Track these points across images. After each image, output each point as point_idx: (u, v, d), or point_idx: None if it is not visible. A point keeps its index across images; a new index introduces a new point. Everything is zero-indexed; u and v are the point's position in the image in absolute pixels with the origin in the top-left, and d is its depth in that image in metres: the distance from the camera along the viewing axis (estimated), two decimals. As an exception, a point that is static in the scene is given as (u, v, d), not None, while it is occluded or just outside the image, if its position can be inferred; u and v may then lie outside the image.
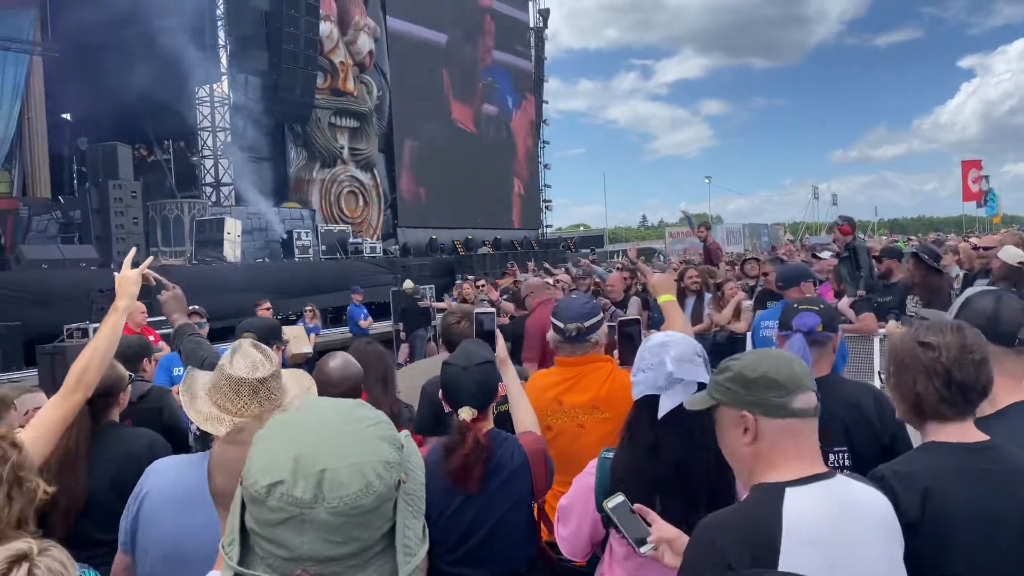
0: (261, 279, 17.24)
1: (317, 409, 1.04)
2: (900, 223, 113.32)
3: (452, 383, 2.50)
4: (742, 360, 1.69)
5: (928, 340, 1.87)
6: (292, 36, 21.80)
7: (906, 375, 1.91)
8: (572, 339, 2.97)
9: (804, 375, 1.65)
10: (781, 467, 1.61)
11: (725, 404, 1.68)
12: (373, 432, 1.00)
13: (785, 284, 5.27)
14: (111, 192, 16.36)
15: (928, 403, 1.88)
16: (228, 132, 22.57)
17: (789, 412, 1.61)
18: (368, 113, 27.56)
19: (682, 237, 34.13)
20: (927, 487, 1.78)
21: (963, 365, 1.83)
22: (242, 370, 2.18)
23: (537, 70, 40.56)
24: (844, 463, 2.50)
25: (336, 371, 3.00)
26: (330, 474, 0.93)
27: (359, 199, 27.27)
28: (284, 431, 1.01)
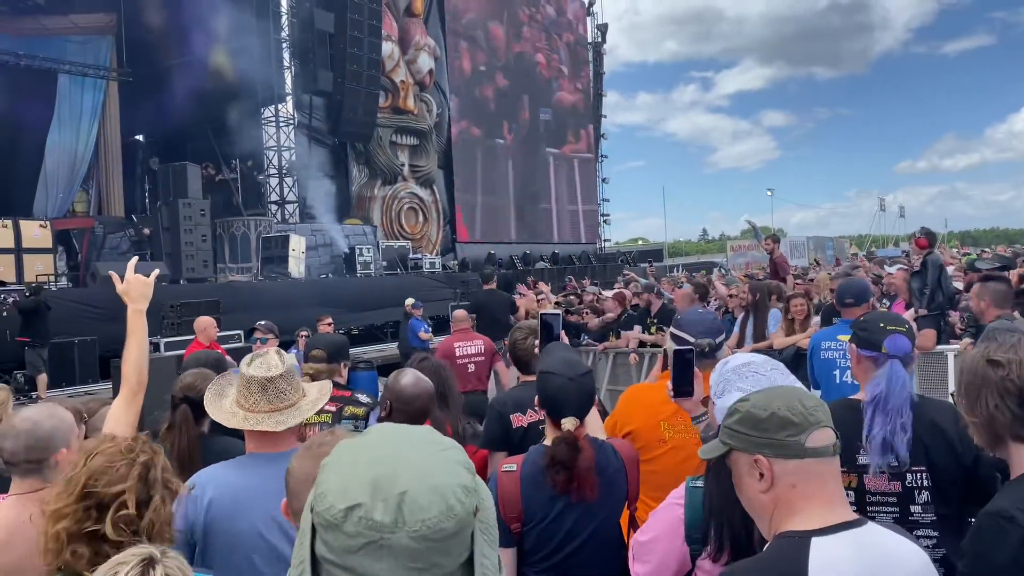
0: (324, 294, 17.53)
1: (388, 433, 1.01)
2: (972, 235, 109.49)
3: (559, 393, 2.43)
4: (750, 400, 1.58)
5: (997, 358, 1.77)
6: (355, 57, 22.25)
7: (977, 396, 1.81)
8: (701, 355, 2.75)
9: (817, 409, 1.53)
10: (804, 514, 1.49)
11: (737, 449, 1.56)
12: (449, 456, 0.97)
13: (857, 300, 5.00)
14: (181, 210, 16.88)
15: (1002, 424, 1.78)
16: (293, 151, 23.09)
17: (804, 452, 1.48)
18: (428, 131, 27.92)
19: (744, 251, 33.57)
20: None
21: None
22: (255, 370, 2.34)
23: (595, 84, 40.55)
24: (924, 483, 2.41)
25: (409, 387, 3.00)
26: (411, 496, 0.90)
27: (419, 215, 27.60)
28: (357, 454, 0.97)
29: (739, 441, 1.55)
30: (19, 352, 11.92)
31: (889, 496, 2.44)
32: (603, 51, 41.06)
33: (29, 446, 2.22)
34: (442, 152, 28.96)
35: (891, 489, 2.43)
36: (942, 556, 2.32)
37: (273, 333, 6.28)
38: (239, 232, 19.49)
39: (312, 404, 2.38)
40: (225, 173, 24.09)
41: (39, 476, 2.22)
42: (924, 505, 2.40)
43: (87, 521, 1.67)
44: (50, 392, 11.45)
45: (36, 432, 2.24)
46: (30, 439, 2.22)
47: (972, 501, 2.30)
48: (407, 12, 27.44)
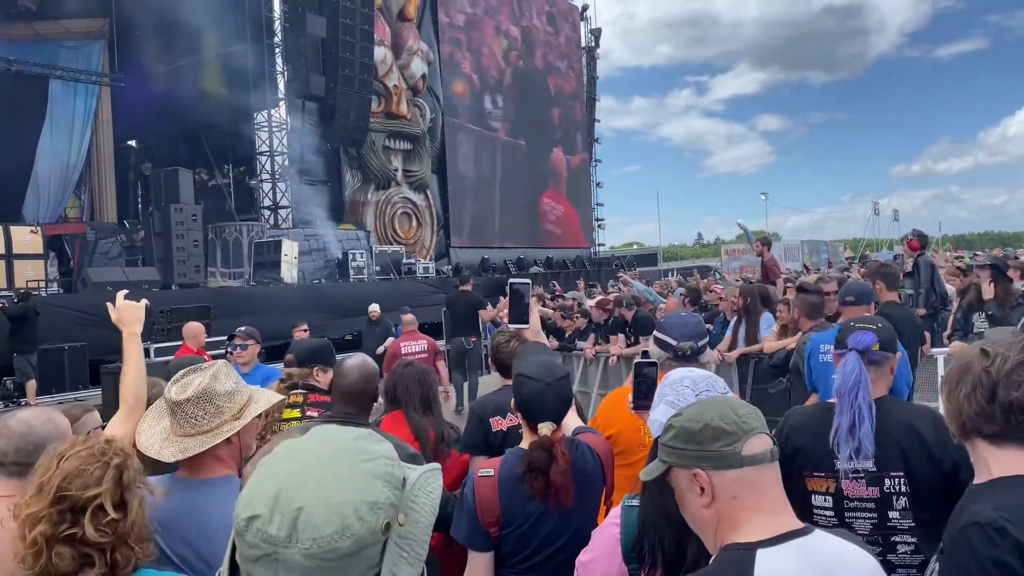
0: (317, 299, 17.51)
1: (316, 440, 0.99)
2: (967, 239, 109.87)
3: (535, 398, 2.42)
4: (684, 414, 1.55)
5: (987, 348, 1.73)
6: (348, 62, 22.25)
7: (957, 382, 1.76)
8: (683, 358, 2.76)
9: (751, 415, 1.50)
10: (747, 525, 1.45)
11: (676, 465, 1.53)
12: (367, 469, 0.94)
13: (857, 299, 5.03)
14: (172, 216, 16.83)
15: (968, 416, 1.73)
16: (286, 156, 23.07)
17: (741, 460, 1.45)
18: (421, 135, 27.92)
19: (738, 255, 33.56)
20: None
21: (1012, 383, 1.66)
22: (172, 391, 2.21)
23: (589, 89, 40.62)
24: (902, 489, 2.39)
25: (347, 370, 2.93)
26: (306, 513, 0.89)
27: (412, 220, 27.57)
28: (277, 463, 0.97)
29: (676, 457, 1.52)
30: (8, 358, 11.86)
31: (867, 502, 2.42)
32: (597, 56, 41.15)
33: (19, 448, 2.18)
34: (435, 157, 28.95)
35: (869, 495, 2.41)
36: (920, 562, 2.30)
37: (254, 339, 6.15)
38: (231, 237, 19.44)
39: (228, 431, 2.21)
40: (218, 178, 24.08)
41: (24, 479, 2.16)
42: (902, 511, 2.38)
43: (63, 524, 1.64)
44: (39, 398, 11.40)
45: (28, 436, 2.20)
46: (21, 441, 2.19)
47: (951, 507, 2.28)
48: (400, 17, 27.45)
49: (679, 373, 2.08)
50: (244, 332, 6.21)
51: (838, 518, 2.44)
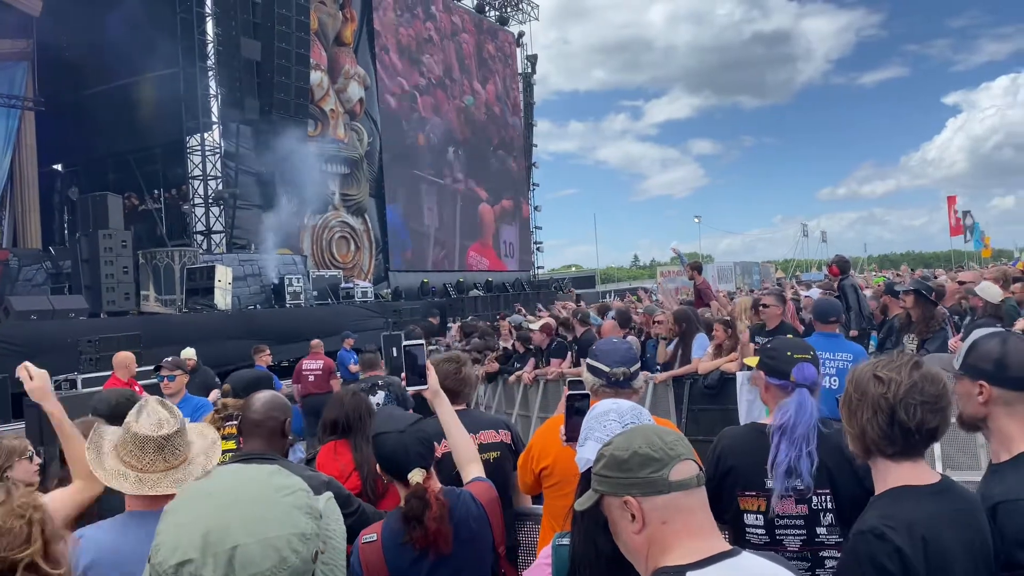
0: (252, 326, 17.18)
1: (231, 479, 0.99)
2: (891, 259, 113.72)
3: (395, 450, 2.41)
4: (613, 443, 1.59)
5: (881, 374, 1.85)
6: (283, 85, 22.05)
7: (856, 408, 1.89)
8: (616, 383, 2.79)
9: (677, 442, 1.54)
10: (677, 549, 1.48)
11: (607, 494, 1.56)
12: (289, 502, 0.96)
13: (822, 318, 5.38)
14: (101, 242, 16.33)
15: (870, 438, 1.87)
16: (219, 180, 22.68)
17: (669, 486, 1.49)
18: (359, 159, 27.80)
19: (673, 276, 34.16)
20: (924, 536, 1.75)
21: (909, 405, 1.81)
22: (147, 428, 2.19)
23: (526, 115, 41.04)
24: (828, 506, 2.48)
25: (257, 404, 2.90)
26: (241, 551, 0.89)
27: (350, 244, 27.36)
28: (194, 504, 0.96)
29: (607, 485, 1.55)
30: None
31: (796, 519, 2.50)
32: (533, 82, 41.63)
33: None
34: (373, 180, 28.82)
35: (798, 512, 2.49)
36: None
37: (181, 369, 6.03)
38: (163, 263, 18.96)
39: (205, 456, 2.27)
40: (148, 203, 23.50)
41: None
42: (829, 527, 2.47)
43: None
44: (-43, 434, 10.89)
45: None
46: None
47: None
48: (336, 41, 27.37)
49: (605, 406, 2.10)
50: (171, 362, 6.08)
51: (769, 536, 2.52)
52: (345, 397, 3.43)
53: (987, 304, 6.97)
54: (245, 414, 2.91)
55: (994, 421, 2.05)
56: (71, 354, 11.83)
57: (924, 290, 6.73)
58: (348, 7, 28.03)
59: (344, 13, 27.82)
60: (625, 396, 2.76)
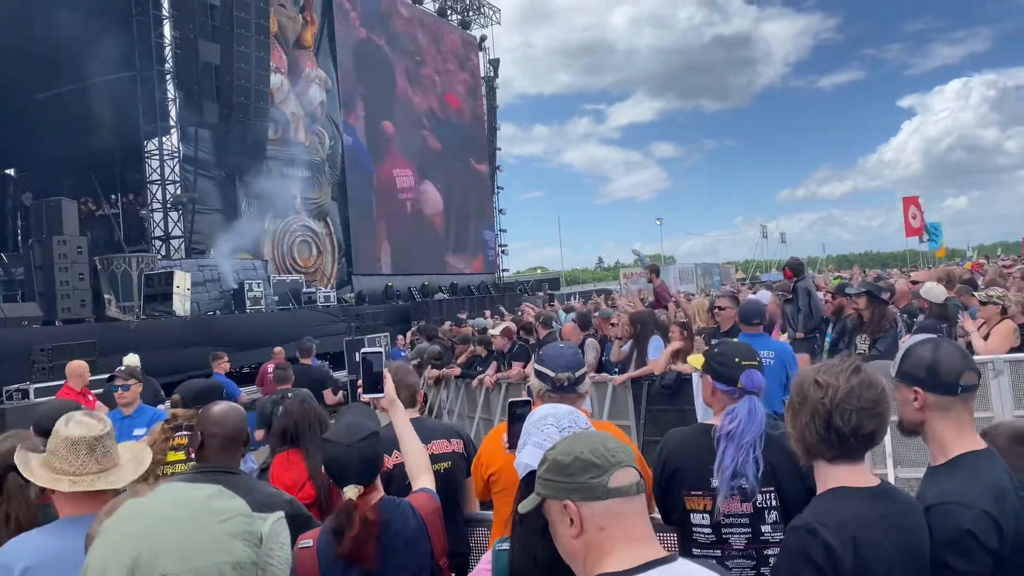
0: (211, 332, 16.98)
1: (168, 501, 0.96)
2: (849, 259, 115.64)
3: (335, 462, 2.42)
4: (557, 447, 1.61)
5: (821, 379, 1.91)
6: (242, 88, 21.81)
7: (797, 412, 1.95)
8: (561, 388, 2.81)
9: (619, 450, 1.56)
10: (613, 555, 1.50)
11: (549, 497, 1.58)
12: (225, 529, 0.94)
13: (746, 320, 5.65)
14: (55, 248, 16.00)
15: (809, 441, 1.93)
16: (178, 185, 22.36)
17: (608, 492, 1.51)
18: (320, 162, 27.60)
19: (636, 278, 34.44)
20: (854, 535, 1.80)
21: (844, 411, 1.87)
22: (76, 430, 2.24)
23: (490, 118, 41.07)
24: (773, 504, 2.54)
25: (215, 415, 2.90)
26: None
27: (312, 248, 27.14)
28: (126, 526, 0.93)
29: (549, 489, 1.57)
30: None
31: (741, 517, 2.55)
32: (496, 85, 41.68)
33: None
34: (336, 184, 28.63)
35: (743, 510, 2.54)
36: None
37: (135, 378, 5.91)
38: (120, 269, 18.63)
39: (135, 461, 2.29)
40: (105, 208, 23.08)
41: None
42: (774, 524, 2.53)
43: None
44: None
45: None
46: None
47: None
48: (297, 44, 27.15)
49: (543, 411, 2.13)
50: (124, 371, 5.93)
51: (715, 534, 2.56)
52: (294, 407, 3.41)
53: (932, 305, 7.16)
54: (201, 426, 2.89)
55: (929, 425, 2.11)
56: (23, 363, 11.60)
57: (875, 291, 6.88)
58: (308, 10, 27.82)
59: (304, 16, 27.60)
60: (570, 401, 2.79)
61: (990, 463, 2.09)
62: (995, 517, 1.92)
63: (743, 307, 6.05)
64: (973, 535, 1.89)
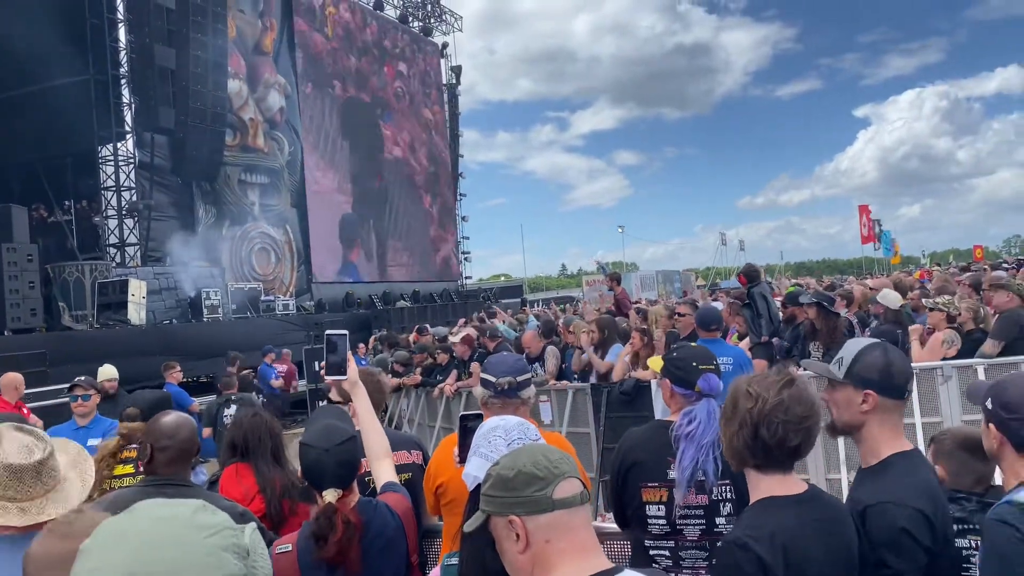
0: (168, 341, 16.70)
1: (154, 517, 0.96)
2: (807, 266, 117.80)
3: (315, 466, 2.41)
4: (500, 463, 1.61)
5: (751, 390, 1.94)
6: (199, 94, 21.51)
7: (729, 419, 1.99)
8: (503, 393, 2.88)
9: (562, 460, 1.56)
10: (560, 568, 1.50)
11: (494, 514, 1.57)
12: (214, 543, 0.94)
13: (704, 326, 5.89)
14: (4, 256, 15.62)
15: (737, 449, 1.97)
16: (133, 191, 21.97)
17: (552, 504, 1.50)
18: (280, 169, 27.34)
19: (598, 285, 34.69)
20: (784, 544, 1.83)
21: (771, 423, 1.89)
22: (16, 456, 2.10)
23: (452, 125, 41.05)
24: (728, 496, 2.59)
25: (180, 427, 2.87)
26: None
27: (271, 255, 26.85)
28: (115, 545, 0.92)
29: (494, 505, 1.56)
30: None
31: (696, 509, 2.61)
32: (458, 92, 41.69)
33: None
34: (295, 191, 28.37)
35: (698, 502, 2.60)
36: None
37: (95, 389, 5.86)
38: (72, 277, 18.22)
39: (76, 470, 2.22)
40: (58, 215, 22.56)
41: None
42: (728, 517, 2.58)
43: None
44: None
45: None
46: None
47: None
48: (256, 50, 26.89)
49: (492, 423, 2.13)
50: (85, 382, 5.90)
51: (670, 525, 2.62)
52: (244, 419, 3.35)
53: (888, 310, 7.32)
54: (151, 438, 2.83)
55: (867, 428, 2.15)
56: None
57: (826, 302, 7.02)
58: (268, 15, 27.58)
59: (264, 21, 27.36)
60: (513, 406, 2.88)
61: (919, 463, 2.16)
62: (928, 515, 1.97)
63: (700, 313, 6.17)
64: (908, 533, 1.94)
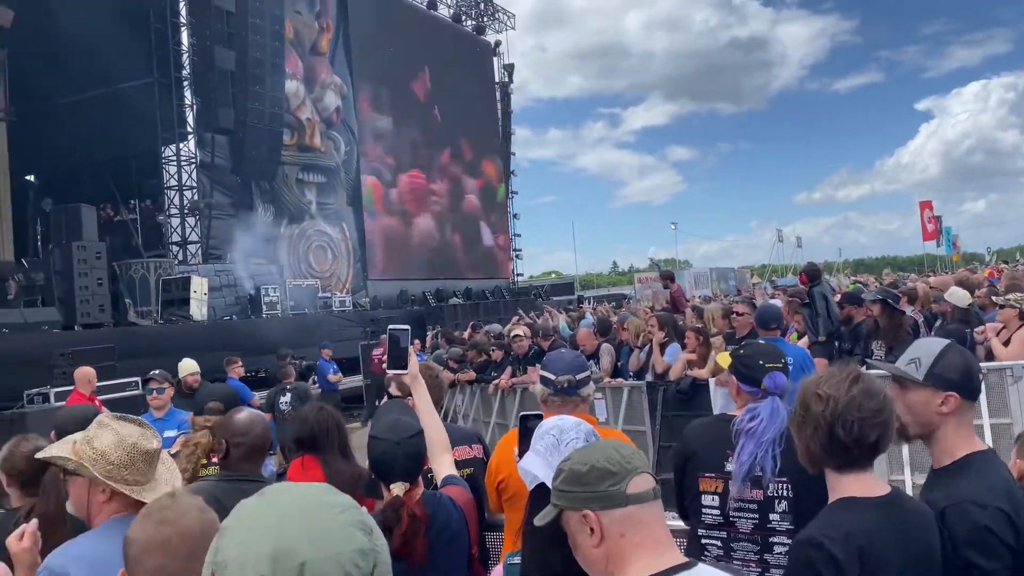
0: (228, 337, 17.07)
1: (288, 497, 1.03)
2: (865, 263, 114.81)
3: (384, 458, 2.46)
4: (571, 458, 1.63)
5: (821, 392, 1.91)
6: (258, 94, 21.99)
7: (801, 423, 1.96)
8: (563, 391, 2.88)
9: (634, 456, 1.58)
10: (635, 562, 1.52)
11: (567, 508, 1.58)
12: (345, 520, 1.00)
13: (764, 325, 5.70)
14: (75, 253, 16.16)
15: (814, 453, 1.94)
16: (195, 190, 22.55)
17: (627, 499, 1.52)
18: (336, 168, 27.75)
19: (650, 283, 34.41)
20: (861, 546, 1.80)
21: (846, 422, 1.86)
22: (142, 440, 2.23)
23: (504, 123, 41.13)
24: (784, 493, 2.56)
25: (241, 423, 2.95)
26: (309, 567, 0.93)
27: (328, 253, 27.28)
28: (256, 522, 0.99)
29: (566, 500, 1.58)
30: None
31: (751, 503, 2.59)
32: (510, 91, 41.74)
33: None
34: (351, 189, 28.77)
35: (753, 497, 2.58)
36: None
37: (168, 382, 6.07)
38: (138, 275, 18.79)
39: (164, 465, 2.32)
40: (124, 214, 23.30)
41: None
42: (782, 514, 2.55)
43: None
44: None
45: None
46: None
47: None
48: (312, 51, 27.34)
49: (550, 423, 2.14)
50: (159, 375, 6.10)
51: (723, 516, 2.62)
52: (310, 414, 3.41)
53: (955, 309, 7.11)
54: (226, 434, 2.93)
55: (942, 430, 2.11)
56: (43, 368, 11.70)
57: (891, 299, 6.84)
58: (324, 17, 28.01)
59: (320, 23, 27.80)
60: (573, 404, 2.88)
61: (996, 462, 2.12)
62: (1008, 513, 1.93)
63: (760, 311, 6.07)
64: (992, 531, 1.90)
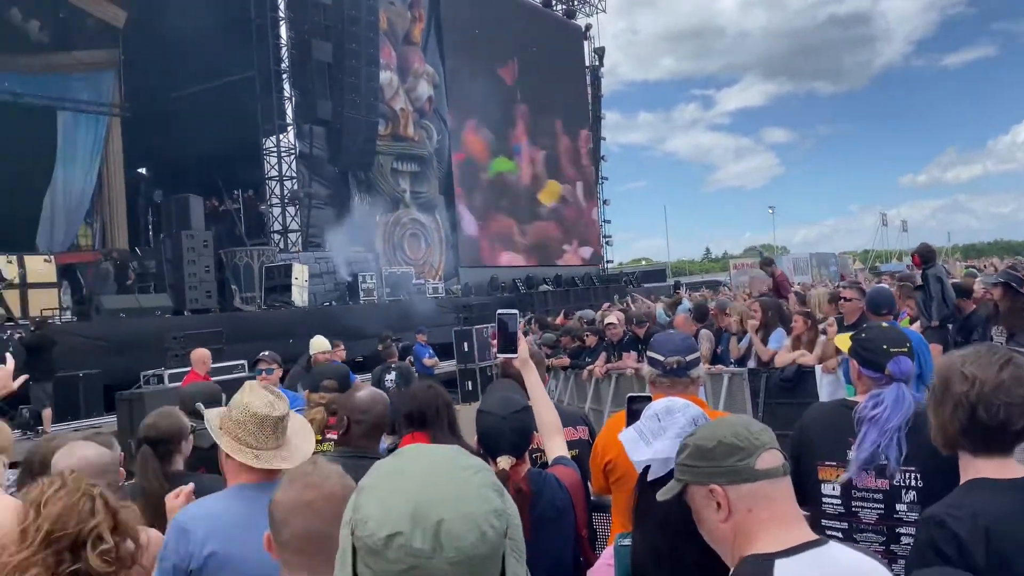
0: (327, 322, 17.55)
1: (424, 458, 1.05)
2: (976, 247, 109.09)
3: (491, 432, 2.46)
4: (697, 433, 1.62)
5: (966, 371, 1.81)
6: (354, 86, 22.48)
7: (940, 401, 1.86)
8: (672, 372, 2.83)
9: (763, 432, 1.56)
10: (763, 538, 1.50)
11: (692, 483, 1.58)
12: (479, 480, 1.02)
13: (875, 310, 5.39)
14: (184, 242, 16.96)
15: (950, 434, 1.84)
16: (295, 180, 23.27)
17: (756, 475, 1.51)
18: (428, 156, 28.15)
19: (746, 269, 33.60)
20: (988, 527, 1.71)
21: (991, 405, 1.76)
22: (262, 408, 2.35)
23: (594, 107, 40.81)
24: (912, 483, 2.44)
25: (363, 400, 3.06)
26: (447, 525, 0.95)
27: (421, 241, 27.73)
28: (394, 481, 1.02)
29: (692, 475, 1.58)
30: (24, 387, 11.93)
31: (875, 493, 2.49)
32: (601, 75, 41.37)
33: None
34: (443, 178, 29.14)
35: (878, 486, 2.48)
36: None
37: (277, 363, 6.31)
38: (242, 262, 19.57)
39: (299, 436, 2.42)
40: (228, 204, 24.26)
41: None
42: (910, 504, 2.44)
43: (63, 564, 1.69)
44: (55, 427, 11.47)
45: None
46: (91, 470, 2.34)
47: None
48: (405, 40, 27.74)
49: (658, 405, 2.10)
50: (269, 356, 6.35)
51: (844, 507, 2.53)
52: (419, 391, 3.48)
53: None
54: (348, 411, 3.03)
55: None
56: (158, 351, 12.31)
57: (1014, 282, 6.44)
58: (417, 6, 28.37)
59: (413, 12, 28.17)
60: (682, 385, 2.82)
61: None
62: None
63: (871, 295, 5.80)
64: None
